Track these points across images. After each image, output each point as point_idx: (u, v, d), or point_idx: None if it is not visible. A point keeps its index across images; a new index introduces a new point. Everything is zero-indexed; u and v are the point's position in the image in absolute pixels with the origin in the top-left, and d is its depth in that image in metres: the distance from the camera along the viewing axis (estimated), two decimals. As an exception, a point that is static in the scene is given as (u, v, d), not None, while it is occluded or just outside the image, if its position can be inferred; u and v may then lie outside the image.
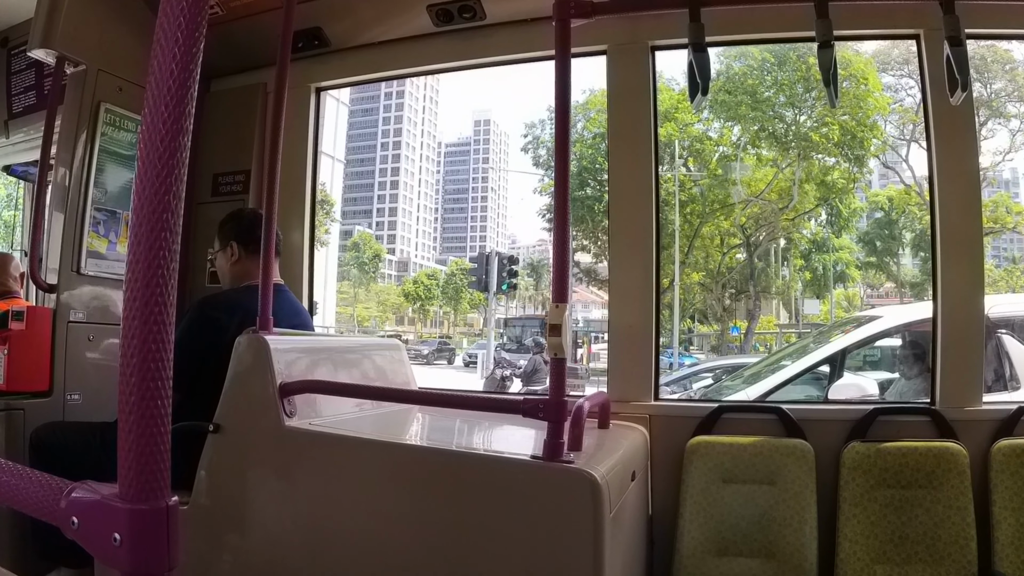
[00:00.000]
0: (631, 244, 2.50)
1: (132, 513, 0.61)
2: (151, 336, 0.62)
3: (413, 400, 2.16)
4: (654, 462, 2.30)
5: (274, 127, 2.01)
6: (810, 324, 21.80)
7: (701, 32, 1.75)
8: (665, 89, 19.83)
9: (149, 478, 0.62)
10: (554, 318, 1.47)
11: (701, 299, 23.44)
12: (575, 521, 1.43)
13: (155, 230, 0.63)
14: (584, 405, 1.69)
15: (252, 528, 1.75)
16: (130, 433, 0.62)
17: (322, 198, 31.75)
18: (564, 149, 1.55)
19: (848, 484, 2.17)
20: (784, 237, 21.91)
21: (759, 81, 19.48)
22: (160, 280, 0.63)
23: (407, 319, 36.56)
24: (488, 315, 19.68)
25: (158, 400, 0.62)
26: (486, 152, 51.74)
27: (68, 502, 0.65)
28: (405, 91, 46.87)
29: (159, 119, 0.63)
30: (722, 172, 20.52)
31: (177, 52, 0.63)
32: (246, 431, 1.79)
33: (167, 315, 0.63)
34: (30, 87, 3.17)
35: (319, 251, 31.10)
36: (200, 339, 2.05)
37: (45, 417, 2.34)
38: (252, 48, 2.89)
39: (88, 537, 0.63)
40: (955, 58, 1.69)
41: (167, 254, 0.64)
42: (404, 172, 45.77)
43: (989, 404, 2.27)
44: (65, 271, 2.54)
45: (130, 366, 0.62)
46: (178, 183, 0.64)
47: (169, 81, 0.63)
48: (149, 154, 0.63)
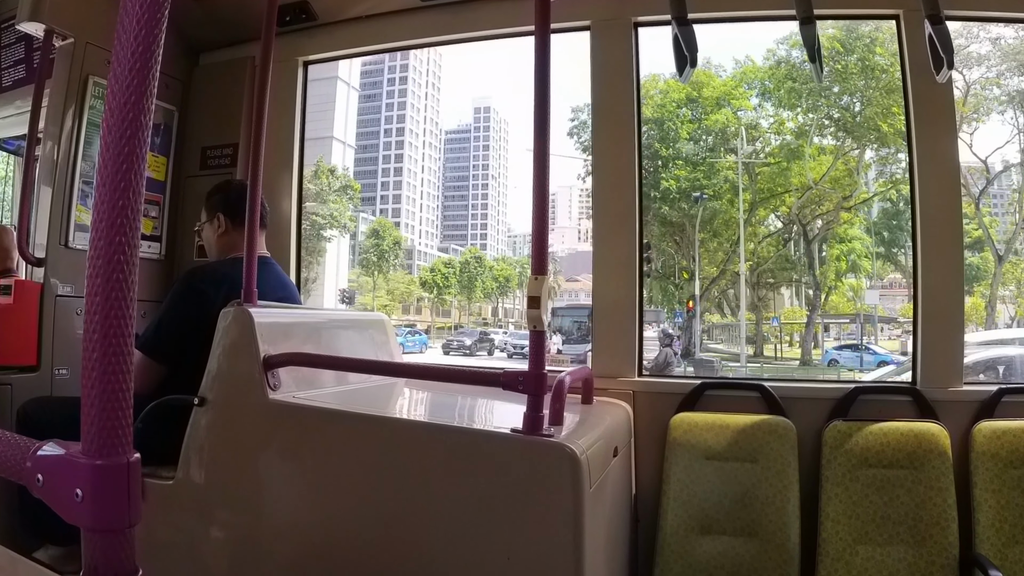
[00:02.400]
0: (614, 220, 2.51)
1: (93, 468, 0.62)
2: (113, 297, 0.62)
3: (396, 372, 2.15)
4: (638, 439, 2.30)
5: (259, 100, 1.99)
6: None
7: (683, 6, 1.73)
8: (711, 76, 19.56)
9: (110, 434, 0.62)
10: (533, 290, 1.46)
11: (718, 288, 23.16)
12: (555, 495, 1.43)
13: (119, 186, 0.63)
14: (565, 379, 1.69)
15: (237, 501, 1.75)
16: (92, 390, 0.62)
17: (346, 183, 31.44)
18: (543, 125, 1.53)
19: (830, 463, 2.18)
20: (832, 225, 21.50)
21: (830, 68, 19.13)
22: (122, 240, 0.63)
23: (412, 308, 36.46)
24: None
25: (120, 358, 0.63)
26: (486, 140, 51.36)
27: (34, 460, 0.65)
28: (408, 77, 46.47)
29: (123, 85, 0.62)
30: (783, 160, 20.15)
31: (144, 11, 0.63)
32: (231, 404, 1.79)
33: (128, 275, 0.63)
34: (19, 61, 3.15)
35: (341, 239, 30.92)
36: (186, 311, 2.05)
37: (33, 392, 2.35)
38: (240, 21, 2.87)
39: (52, 493, 0.64)
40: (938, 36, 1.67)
41: (130, 214, 0.64)
42: (408, 159, 45.40)
43: (970, 385, 2.27)
44: (53, 245, 2.54)
45: (92, 323, 0.62)
46: (141, 145, 0.64)
47: (134, 43, 0.63)
48: (113, 119, 0.63)
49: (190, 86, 3.07)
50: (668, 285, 22.30)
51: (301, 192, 3.02)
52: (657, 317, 22.77)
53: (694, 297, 20.98)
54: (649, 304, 22.63)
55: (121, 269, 0.63)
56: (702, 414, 2.30)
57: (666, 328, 17.69)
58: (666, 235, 21.33)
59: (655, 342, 15.43)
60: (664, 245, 21.65)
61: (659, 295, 22.44)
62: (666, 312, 22.57)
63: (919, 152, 2.32)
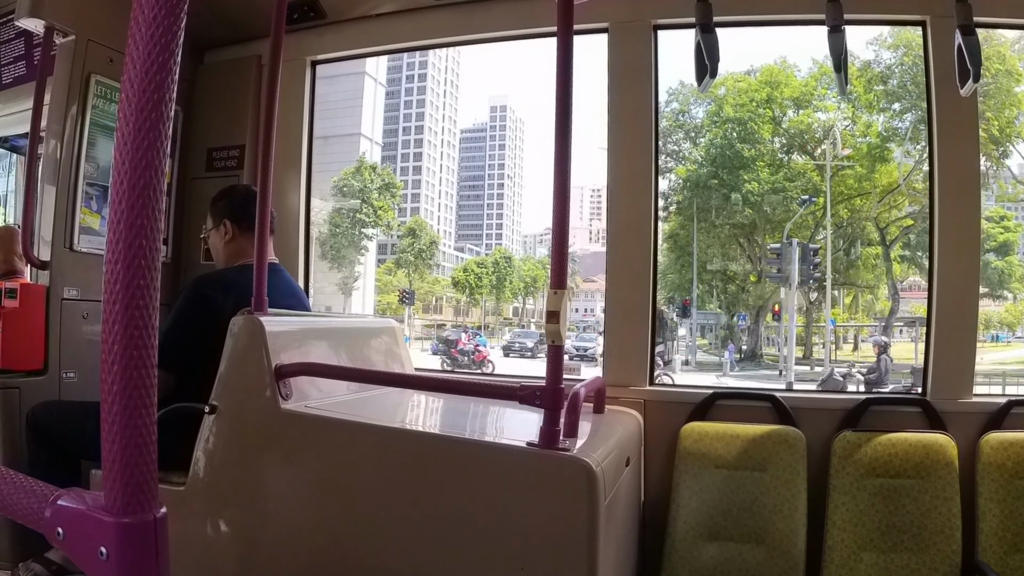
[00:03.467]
0: (630, 227, 2.49)
1: (119, 527, 0.59)
2: (133, 341, 0.58)
3: (410, 384, 2.14)
4: (648, 447, 2.31)
5: (268, 101, 1.96)
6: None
7: (709, 12, 1.69)
8: (790, 75, 19.36)
9: (135, 490, 0.59)
10: (552, 304, 1.45)
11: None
12: (570, 508, 1.43)
13: (136, 208, 0.58)
14: (580, 391, 1.68)
15: (248, 510, 1.74)
16: (114, 444, 0.59)
17: (388, 181, 30.90)
18: (565, 130, 1.50)
19: (838, 472, 2.19)
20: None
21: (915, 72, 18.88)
22: (142, 281, 0.59)
23: (432, 308, 36.12)
24: (789, 309, 19.29)
25: (143, 410, 0.59)
26: (502, 139, 50.97)
27: (53, 511, 0.62)
28: (428, 74, 46.13)
29: (140, 87, 0.59)
30: (866, 161, 19.90)
31: (159, 14, 0.60)
32: (242, 413, 1.78)
33: (150, 319, 0.59)
34: (19, 57, 3.09)
35: (378, 239, 30.51)
36: (195, 319, 2.03)
37: (41, 396, 2.33)
38: (247, 19, 2.82)
39: (74, 550, 0.61)
40: (967, 47, 1.64)
41: (149, 241, 0.59)
42: (427, 157, 45.03)
43: (980, 397, 2.28)
44: (58, 247, 2.51)
45: (111, 373, 0.58)
46: (160, 156, 0.60)
47: (150, 45, 0.60)
48: (129, 125, 0.59)
49: (195, 85, 3.02)
50: (731, 287, 22.25)
51: (310, 196, 2.98)
52: (718, 320, 23.08)
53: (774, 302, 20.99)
54: (705, 305, 22.58)
55: (141, 318, 0.59)
56: (713, 424, 2.31)
57: (876, 337, 17.13)
58: (733, 237, 21.31)
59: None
60: (730, 248, 21.63)
61: (718, 298, 22.45)
62: (727, 316, 22.67)
63: (940, 162, 2.30)
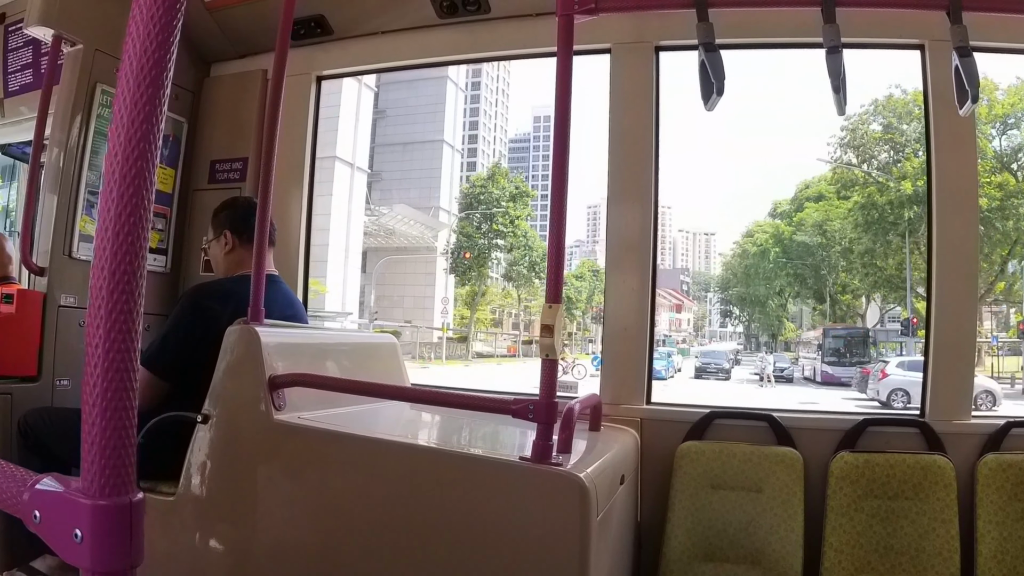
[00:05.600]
0: (629, 247, 2.49)
1: (95, 509, 0.59)
2: (117, 327, 0.60)
3: (403, 397, 2.14)
4: (644, 466, 2.29)
5: (271, 115, 1.97)
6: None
7: (711, 32, 1.71)
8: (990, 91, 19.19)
9: (113, 473, 0.60)
10: (547, 318, 1.45)
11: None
12: (562, 524, 1.43)
13: (125, 212, 0.60)
14: (574, 407, 1.68)
15: (238, 519, 1.73)
16: (94, 426, 0.59)
17: (521, 190, 30.17)
18: (563, 147, 1.52)
19: (836, 493, 2.17)
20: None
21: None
22: (128, 270, 0.60)
23: (493, 321, 35.61)
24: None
25: (124, 393, 0.60)
26: (546, 149, 50.98)
27: (31, 494, 0.62)
28: (481, 83, 46.24)
29: (133, 97, 0.60)
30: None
31: (155, 23, 0.60)
32: (235, 423, 1.77)
33: (134, 305, 0.61)
34: (27, 65, 3.13)
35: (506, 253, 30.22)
36: (192, 327, 2.03)
37: (33, 402, 2.32)
38: (253, 33, 2.86)
39: (49, 532, 0.61)
40: (964, 69, 1.65)
41: (137, 240, 0.61)
42: (479, 167, 44.97)
43: (978, 418, 2.27)
44: (57, 254, 2.51)
45: (95, 357, 0.60)
46: (150, 165, 0.61)
47: (144, 52, 0.60)
48: (121, 130, 0.60)
49: (200, 97, 3.05)
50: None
51: (311, 209, 2.99)
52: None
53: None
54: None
55: (127, 303, 0.60)
56: (710, 443, 2.29)
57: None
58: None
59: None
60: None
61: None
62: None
63: (938, 183, 2.31)
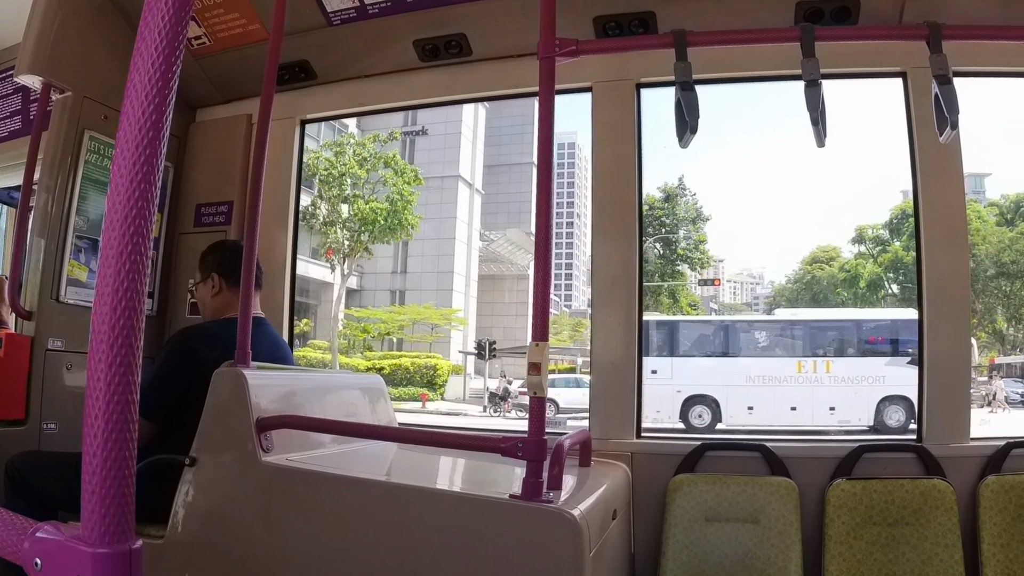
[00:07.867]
0: (616, 282, 2.50)
1: (95, 557, 0.61)
2: (117, 378, 0.62)
3: (391, 437, 2.12)
4: (636, 500, 2.27)
5: (256, 159, 1.99)
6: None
7: (688, 71, 1.74)
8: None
9: (113, 521, 0.62)
10: (534, 356, 1.46)
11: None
12: (555, 561, 1.41)
13: (125, 261, 0.63)
14: (564, 443, 1.67)
15: (227, 562, 1.71)
16: (94, 476, 0.62)
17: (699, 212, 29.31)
18: (547, 185, 1.54)
19: (834, 522, 2.15)
20: None
21: None
22: (127, 324, 0.63)
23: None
24: None
25: (124, 443, 0.62)
26: (571, 176, 51.19)
27: (32, 542, 0.64)
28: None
29: (132, 143, 0.64)
30: None
31: (154, 75, 0.65)
32: (222, 465, 1.76)
33: (134, 359, 0.63)
34: (16, 112, 3.17)
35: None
36: (180, 371, 2.03)
37: (21, 446, 2.29)
38: (239, 79, 2.90)
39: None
40: (944, 96, 1.67)
41: (135, 296, 0.63)
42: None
43: (976, 440, 2.26)
44: (45, 298, 2.51)
45: (96, 409, 0.62)
46: (148, 213, 0.64)
47: (144, 105, 0.65)
48: (121, 179, 0.63)
49: (186, 143, 3.08)
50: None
51: (296, 251, 3.00)
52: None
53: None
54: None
55: (127, 355, 0.62)
56: (702, 475, 2.27)
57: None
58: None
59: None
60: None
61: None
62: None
63: (925, 209, 2.34)
